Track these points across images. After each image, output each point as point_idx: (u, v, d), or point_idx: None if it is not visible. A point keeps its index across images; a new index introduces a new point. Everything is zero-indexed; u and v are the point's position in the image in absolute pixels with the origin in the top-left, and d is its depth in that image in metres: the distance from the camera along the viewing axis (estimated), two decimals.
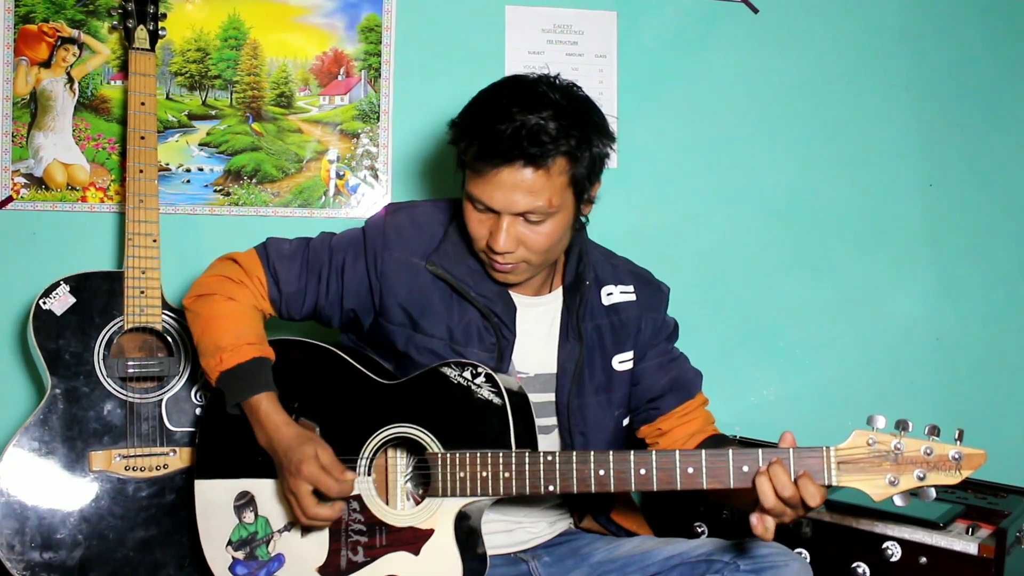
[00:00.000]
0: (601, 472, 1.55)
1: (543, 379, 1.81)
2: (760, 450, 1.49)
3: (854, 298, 2.83)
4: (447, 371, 1.68)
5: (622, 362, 1.87)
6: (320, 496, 1.64)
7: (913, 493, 1.46)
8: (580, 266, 1.83)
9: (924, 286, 2.87)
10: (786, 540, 1.86)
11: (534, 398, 1.72)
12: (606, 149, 1.68)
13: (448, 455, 1.64)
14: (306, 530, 1.73)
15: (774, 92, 2.75)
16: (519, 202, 1.61)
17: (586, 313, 1.84)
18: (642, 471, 1.54)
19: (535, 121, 1.57)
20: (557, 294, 1.86)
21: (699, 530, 2.19)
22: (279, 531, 1.75)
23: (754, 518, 1.49)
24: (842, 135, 2.80)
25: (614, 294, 1.89)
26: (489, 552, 1.67)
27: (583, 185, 1.67)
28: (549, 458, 1.58)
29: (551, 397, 1.81)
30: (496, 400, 1.63)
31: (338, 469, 1.63)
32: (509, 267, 1.71)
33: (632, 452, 1.54)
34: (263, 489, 1.77)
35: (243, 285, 1.83)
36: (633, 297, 1.90)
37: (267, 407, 1.71)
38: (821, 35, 2.77)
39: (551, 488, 1.58)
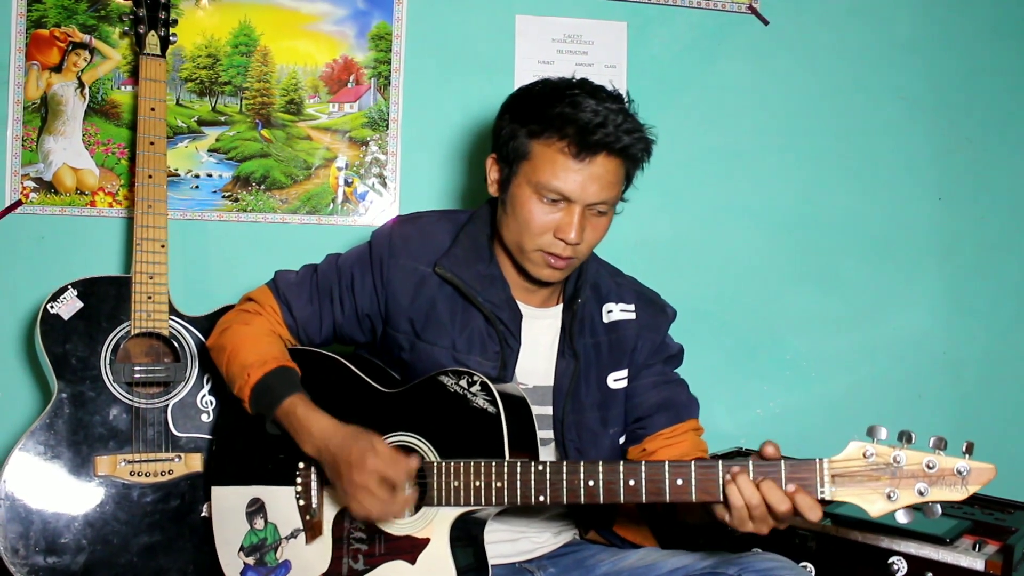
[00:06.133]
0: (590, 483, 1.54)
1: (541, 392, 1.81)
2: (751, 461, 1.46)
3: (862, 311, 2.83)
4: (444, 379, 1.67)
5: (617, 380, 1.87)
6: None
7: (917, 509, 1.39)
8: (578, 282, 1.84)
9: (932, 299, 2.86)
10: (791, 554, 1.86)
11: (533, 410, 1.71)
12: (651, 139, 1.74)
13: (443, 464, 1.64)
14: (312, 538, 1.73)
15: (783, 104, 2.75)
16: (598, 193, 1.66)
17: (583, 329, 1.84)
18: (631, 482, 1.52)
19: (617, 113, 1.64)
20: (560, 308, 1.86)
21: (703, 543, 2.18)
22: (286, 538, 1.76)
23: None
24: (851, 147, 2.80)
25: (614, 312, 1.89)
26: (493, 561, 1.67)
27: (631, 178, 1.76)
28: (540, 468, 1.57)
29: (548, 411, 1.81)
30: (490, 409, 1.62)
31: (401, 457, 1.60)
32: (565, 263, 1.72)
33: (621, 463, 1.53)
34: (272, 496, 1.78)
35: (259, 315, 1.87)
36: (632, 316, 1.89)
37: (303, 410, 1.70)
38: (831, 47, 2.77)
39: (541, 499, 1.57)
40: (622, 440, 1.89)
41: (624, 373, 1.88)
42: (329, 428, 1.67)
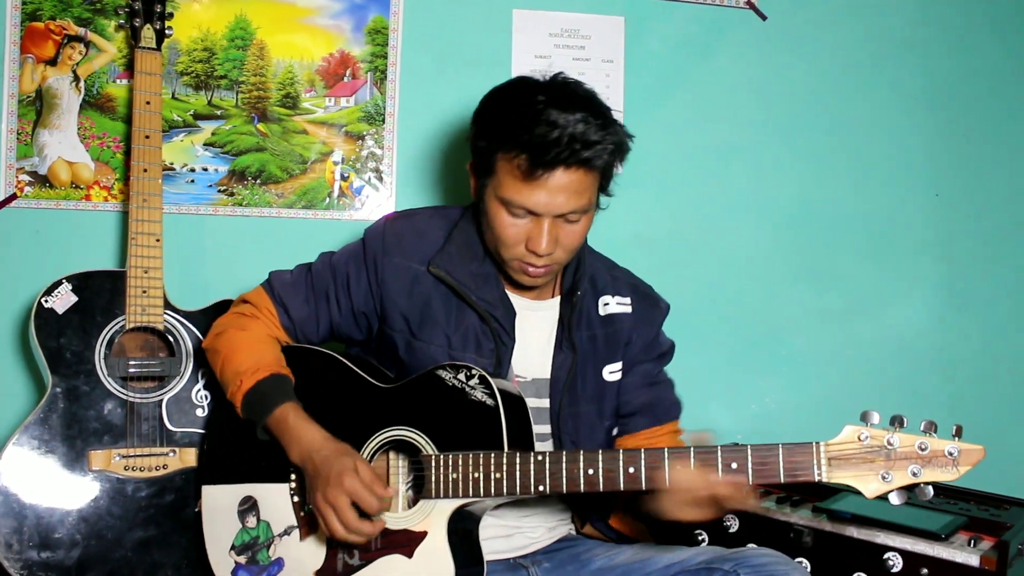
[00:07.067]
0: (590, 472, 1.55)
1: (539, 384, 1.81)
2: (749, 447, 1.48)
3: (858, 307, 2.83)
4: (442, 374, 1.67)
5: (612, 372, 1.87)
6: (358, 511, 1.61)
7: (910, 492, 1.42)
8: (576, 275, 1.84)
9: (929, 296, 2.86)
10: (787, 549, 1.86)
11: (530, 403, 1.72)
12: (627, 138, 1.70)
13: (441, 457, 1.63)
14: (306, 534, 1.72)
15: (781, 99, 2.75)
16: (565, 204, 1.63)
17: (581, 322, 1.83)
18: (631, 470, 1.53)
19: (577, 122, 1.59)
20: (556, 301, 1.85)
21: (699, 538, 2.18)
22: (279, 535, 1.75)
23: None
24: (848, 143, 2.79)
25: (610, 304, 1.88)
26: (488, 557, 1.67)
27: (609, 176, 1.71)
28: (539, 458, 1.58)
29: (546, 403, 1.81)
30: (489, 401, 1.62)
31: (379, 485, 1.60)
32: (543, 270, 1.71)
33: (621, 451, 1.54)
34: (265, 494, 1.78)
35: (255, 318, 1.86)
36: (629, 309, 1.89)
37: (294, 419, 1.69)
38: (829, 43, 2.76)
39: (541, 488, 1.57)
40: (615, 432, 1.90)
41: (618, 366, 1.88)
42: (318, 440, 1.67)
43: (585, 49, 2.59)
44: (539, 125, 1.58)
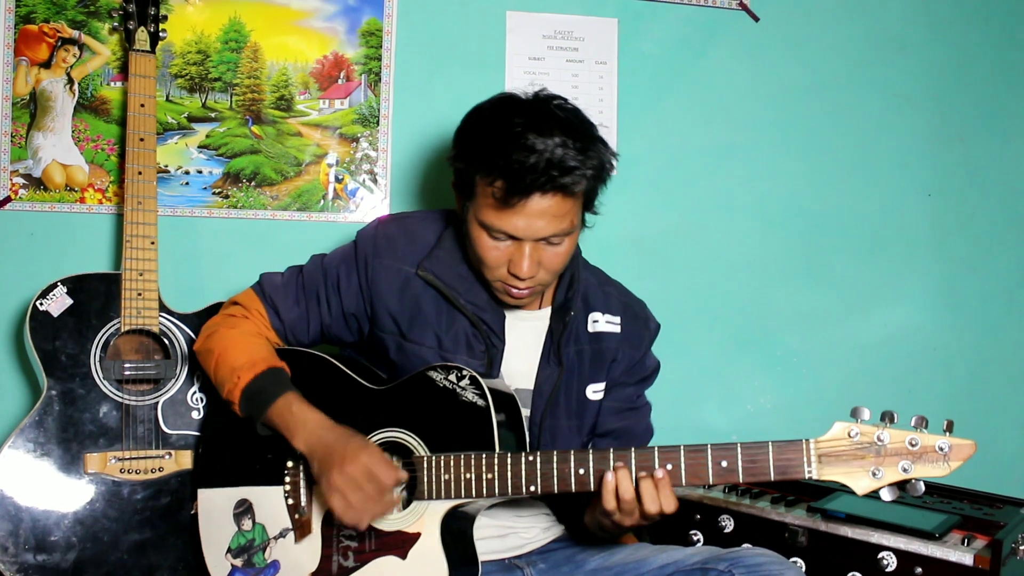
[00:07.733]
0: (580, 471, 1.55)
1: (522, 395, 1.80)
2: (739, 445, 1.48)
3: (853, 306, 2.83)
4: (433, 375, 1.68)
5: (595, 392, 1.86)
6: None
7: (902, 487, 1.42)
8: (569, 292, 1.82)
9: (923, 295, 2.87)
10: (781, 549, 1.86)
11: None
12: (610, 157, 1.67)
13: (433, 458, 1.64)
14: (301, 536, 1.73)
15: (774, 100, 2.76)
16: (545, 228, 1.61)
17: (569, 339, 1.83)
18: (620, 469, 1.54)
19: (555, 147, 1.56)
20: (546, 312, 1.84)
21: (694, 538, 2.19)
22: (275, 538, 1.75)
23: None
24: (842, 143, 2.80)
25: (600, 322, 1.87)
26: (483, 558, 1.67)
27: (593, 197, 1.69)
28: (531, 458, 1.58)
29: (526, 413, 1.80)
30: (480, 402, 1.63)
31: (393, 463, 1.62)
32: (527, 292, 1.70)
33: (611, 450, 1.55)
34: (261, 496, 1.78)
35: (246, 319, 1.86)
36: (618, 329, 1.87)
37: (298, 406, 1.70)
38: (822, 43, 2.77)
39: (532, 488, 1.58)
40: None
41: (602, 386, 1.87)
42: (326, 423, 1.67)
43: (579, 51, 2.60)
44: (516, 150, 1.55)
